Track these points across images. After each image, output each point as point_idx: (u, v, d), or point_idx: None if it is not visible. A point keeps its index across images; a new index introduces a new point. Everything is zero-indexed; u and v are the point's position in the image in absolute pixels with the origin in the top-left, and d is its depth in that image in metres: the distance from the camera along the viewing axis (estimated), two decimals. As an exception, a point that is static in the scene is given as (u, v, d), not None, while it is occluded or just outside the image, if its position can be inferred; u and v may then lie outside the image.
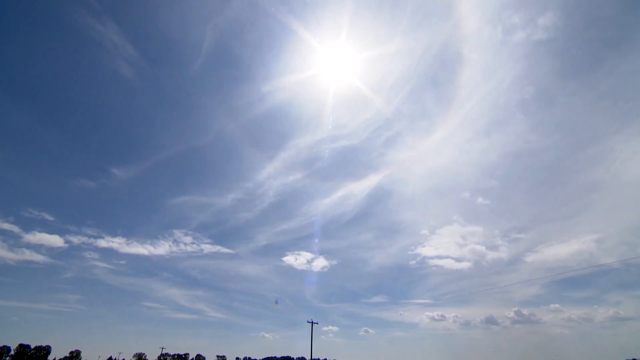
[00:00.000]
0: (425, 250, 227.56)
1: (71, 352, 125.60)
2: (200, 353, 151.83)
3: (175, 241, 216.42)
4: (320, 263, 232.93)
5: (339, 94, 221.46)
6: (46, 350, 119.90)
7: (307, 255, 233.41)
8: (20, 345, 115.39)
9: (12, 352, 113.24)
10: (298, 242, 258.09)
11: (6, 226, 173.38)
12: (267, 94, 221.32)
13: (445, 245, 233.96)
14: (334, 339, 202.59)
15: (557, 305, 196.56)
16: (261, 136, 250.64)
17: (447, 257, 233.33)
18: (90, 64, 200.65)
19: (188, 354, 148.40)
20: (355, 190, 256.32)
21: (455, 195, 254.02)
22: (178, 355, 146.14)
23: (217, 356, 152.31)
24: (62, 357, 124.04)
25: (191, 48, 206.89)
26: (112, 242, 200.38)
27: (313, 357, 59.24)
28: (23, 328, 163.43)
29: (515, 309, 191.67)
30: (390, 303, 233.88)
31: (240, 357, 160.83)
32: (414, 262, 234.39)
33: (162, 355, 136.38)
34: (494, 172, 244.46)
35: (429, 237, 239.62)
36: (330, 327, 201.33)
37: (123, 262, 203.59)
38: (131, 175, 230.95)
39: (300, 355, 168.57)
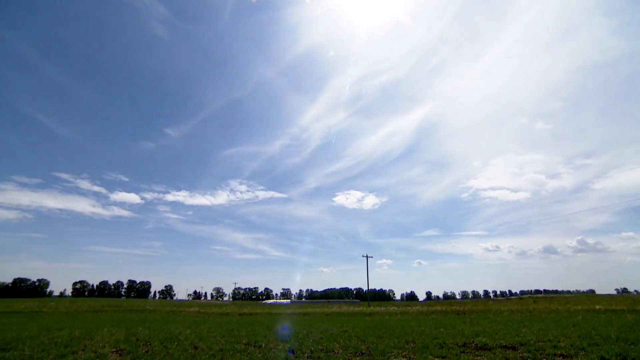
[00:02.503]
0: (478, 183, 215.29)
1: (165, 286, 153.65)
2: (268, 287, 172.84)
3: (232, 190, 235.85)
4: (370, 201, 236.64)
5: (375, 25, 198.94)
6: (148, 284, 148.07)
7: (357, 194, 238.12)
8: (129, 281, 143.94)
9: (125, 286, 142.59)
10: (347, 182, 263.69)
11: (96, 188, 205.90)
12: (301, 33, 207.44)
13: (500, 176, 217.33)
14: (389, 270, 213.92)
15: (630, 233, 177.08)
16: (300, 79, 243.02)
17: (502, 188, 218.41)
18: (127, 28, 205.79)
19: (257, 288, 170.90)
20: (401, 125, 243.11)
21: (510, 122, 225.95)
22: (249, 289, 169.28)
23: (282, 289, 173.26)
24: (160, 289, 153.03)
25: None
26: (178, 195, 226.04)
27: (369, 288, 63.65)
28: (127, 268, 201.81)
29: (579, 237, 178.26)
30: (442, 236, 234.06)
31: (302, 290, 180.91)
32: (465, 194, 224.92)
33: (235, 289, 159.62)
34: (558, 91, 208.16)
35: (481, 168, 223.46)
36: (384, 260, 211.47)
37: (190, 212, 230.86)
38: (183, 133, 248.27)
39: (357, 286, 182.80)
